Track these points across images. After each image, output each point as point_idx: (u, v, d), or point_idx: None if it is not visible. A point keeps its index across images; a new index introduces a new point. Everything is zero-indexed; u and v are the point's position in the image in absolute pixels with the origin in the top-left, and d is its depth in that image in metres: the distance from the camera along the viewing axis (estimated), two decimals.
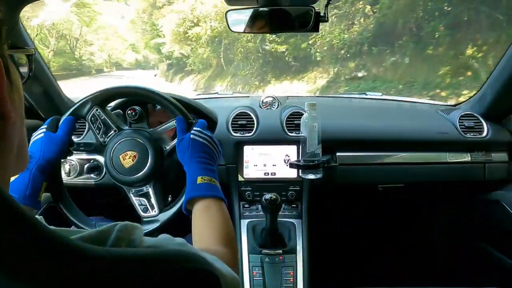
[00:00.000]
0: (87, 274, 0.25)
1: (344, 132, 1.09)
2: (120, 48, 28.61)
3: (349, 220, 1.41)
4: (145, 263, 0.29)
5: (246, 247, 0.94)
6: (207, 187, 0.61)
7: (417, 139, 1.10)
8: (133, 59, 32.72)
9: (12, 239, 0.23)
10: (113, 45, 26.35)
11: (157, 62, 28.08)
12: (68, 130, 0.73)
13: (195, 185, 0.61)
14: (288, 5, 0.78)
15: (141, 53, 31.66)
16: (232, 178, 1.03)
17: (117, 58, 30.34)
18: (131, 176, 0.74)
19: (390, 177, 1.09)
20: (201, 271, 0.33)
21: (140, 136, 0.76)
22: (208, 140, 0.68)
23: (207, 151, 0.67)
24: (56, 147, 0.70)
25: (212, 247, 0.53)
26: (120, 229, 0.32)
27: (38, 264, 0.24)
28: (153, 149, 0.75)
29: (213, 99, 1.42)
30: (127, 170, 0.74)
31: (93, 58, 24.59)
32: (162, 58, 23.37)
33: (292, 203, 1.03)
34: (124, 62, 32.45)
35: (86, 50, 23.58)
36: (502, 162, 1.08)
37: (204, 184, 0.61)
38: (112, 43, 26.14)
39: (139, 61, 33.65)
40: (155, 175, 0.75)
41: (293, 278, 0.88)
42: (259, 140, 1.05)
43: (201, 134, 0.69)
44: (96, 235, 0.31)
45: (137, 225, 0.35)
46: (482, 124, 1.10)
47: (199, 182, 0.61)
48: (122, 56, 30.86)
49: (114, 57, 29.34)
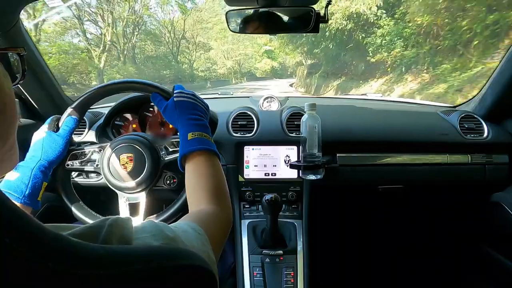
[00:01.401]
0: (80, 272, 0.25)
1: (345, 133, 1.09)
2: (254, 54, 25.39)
3: (350, 221, 1.41)
4: (140, 261, 0.29)
5: (247, 247, 0.94)
6: (197, 141, 0.61)
7: (417, 140, 1.10)
8: (269, 67, 28.59)
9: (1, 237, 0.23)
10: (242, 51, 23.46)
11: (296, 69, 21.96)
12: (69, 130, 0.73)
13: (187, 142, 0.61)
14: (288, 6, 0.78)
15: (278, 59, 28.10)
16: (233, 178, 1.03)
17: (249, 67, 27.39)
18: (126, 182, 0.75)
19: (390, 178, 1.09)
20: (195, 268, 0.34)
21: (138, 142, 0.76)
22: (192, 98, 0.68)
23: (194, 107, 0.67)
24: (58, 147, 0.70)
25: (203, 205, 0.53)
26: (111, 224, 0.32)
27: (29, 262, 0.24)
28: (151, 155, 0.75)
29: (213, 99, 1.42)
30: (123, 175, 0.75)
31: (215, 67, 21.80)
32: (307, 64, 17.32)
33: (293, 203, 1.03)
34: (257, 71, 28.86)
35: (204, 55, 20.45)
36: (502, 164, 1.08)
37: (195, 139, 0.61)
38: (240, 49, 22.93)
39: (275, 69, 29.41)
40: (150, 184, 0.76)
41: (293, 278, 0.88)
42: (259, 141, 1.05)
43: (183, 93, 0.68)
44: (87, 231, 0.31)
45: (128, 218, 0.35)
46: (482, 126, 1.10)
47: (189, 138, 0.61)
48: (256, 64, 27.63)
49: (246, 65, 26.62)
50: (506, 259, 1.09)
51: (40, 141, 0.69)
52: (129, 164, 0.74)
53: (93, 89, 0.75)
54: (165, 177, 0.81)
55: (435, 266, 1.39)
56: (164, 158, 0.77)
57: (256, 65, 29.28)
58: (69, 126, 0.73)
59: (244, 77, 27.34)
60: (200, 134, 0.62)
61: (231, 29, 0.84)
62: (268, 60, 28.75)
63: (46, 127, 0.72)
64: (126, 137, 0.78)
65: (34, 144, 0.69)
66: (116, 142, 0.77)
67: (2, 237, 0.23)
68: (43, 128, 0.72)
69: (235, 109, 1.12)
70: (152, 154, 0.76)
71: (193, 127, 0.63)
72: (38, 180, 0.66)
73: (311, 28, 0.78)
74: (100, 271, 0.26)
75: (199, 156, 0.60)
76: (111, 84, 0.74)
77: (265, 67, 29.25)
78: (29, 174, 0.65)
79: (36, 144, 0.69)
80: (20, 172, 0.64)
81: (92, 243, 0.28)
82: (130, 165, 0.74)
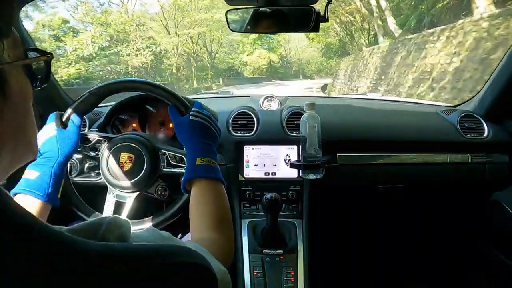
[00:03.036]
0: (79, 269, 0.26)
1: (345, 133, 1.09)
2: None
3: (350, 220, 1.41)
4: (139, 258, 0.29)
5: (247, 246, 0.94)
6: (205, 169, 0.61)
7: (417, 140, 1.10)
8: (264, 62, 19.58)
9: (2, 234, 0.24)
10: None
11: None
12: (79, 126, 0.72)
13: (194, 166, 0.61)
14: (288, 5, 0.78)
15: (278, 52, 19.90)
16: (233, 178, 1.03)
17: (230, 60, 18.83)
18: (120, 180, 0.75)
19: (390, 177, 1.09)
20: (196, 266, 0.34)
21: (142, 144, 0.76)
22: (207, 120, 0.68)
23: (207, 131, 0.67)
24: (72, 143, 0.70)
25: (205, 233, 0.53)
26: (109, 221, 0.33)
27: (30, 258, 0.24)
28: (150, 161, 0.75)
29: (213, 99, 1.42)
30: (119, 173, 0.74)
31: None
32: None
33: (293, 203, 1.03)
34: (245, 68, 19.69)
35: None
36: (502, 163, 1.08)
37: (203, 166, 0.61)
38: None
39: (274, 66, 20.79)
40: (142, 188, 0.76)
41: (293, 278, 0.88)
42: (259, 140, 1.05)
43: (199, 114, 0.68)
44: (86, 227, 0.32)
45: (126, 220, 0.36)
46: (482, 125, 1.10)
47: (197, 164, 0.61)
48: (244, 56, 18.94)
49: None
50: (505, 258, 1.09)
51: (54, 138, 0.68)
52: (128, 164, 0.74)
53: (113, 81, 0.74)
54: (157, 186, 0.80)
55: (435, 265, 1.39)
56: (162, 169, 0.77)
57: (243, 58, 19.52)
58: (78, 122, 0.72)
59: (221, 76, 18.03)
60: (209, 160, 0.62)
61: (231, 29, 0.84)
62: (264, 52, 19.03)
63: (54, 125, 0.70)
64: (130, 136, 0.78)
65: (47, 142, 0.68)
66: (119, 138, 0.77)
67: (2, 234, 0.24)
68: (51, 126, 0.70)
69: (235, 108, 1.12)
70: (151, 160, 0.75)
71: (202, 152, 0.63)
72: (58, 178, 0.66)
73: (311, 28, 0.78)
74: (100, 269, 0.26)
75: (205, 183, 0.60)
76: (130, 82, 0.74)
77: (258, 62, 19.49)
78: (49, 173, 0.65)
79: (49, 142, 0.68)
80: (40, 170, 0.64)
81: (91, 240, 0.28)
82: (128, 165, 0.74)
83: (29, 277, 0.24)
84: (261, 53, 19.95)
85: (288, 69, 22.50)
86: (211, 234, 0.53)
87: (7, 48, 0.30)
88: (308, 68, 24.34)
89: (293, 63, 22.99)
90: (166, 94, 0.71)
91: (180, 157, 0.76)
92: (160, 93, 0.72)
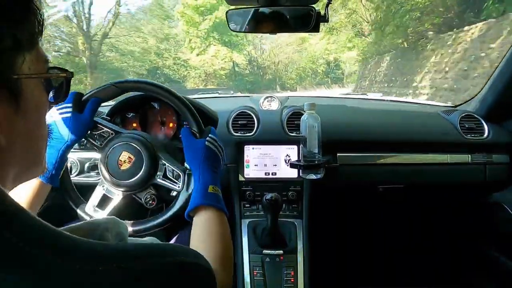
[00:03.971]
0: (79, 267, 0.26)
1: (345, 133, 1.09)
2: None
3: (350, 220, 1.41)
4: (139, 257, 0.29)
5: (247, 247, 0.94)
6: (216, 198, 0.62)
7: (417, 140, 1.10)
8: (226, 65, 13.84)
9: (3, 234, 0.24)
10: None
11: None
12: (93, 112, 0.72)
13: (206, 193, 0.61)
14: (288, 5, 0.78)
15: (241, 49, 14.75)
16: (233, 178, 1.03)
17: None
18: (113, 177, 0.74)
19: (390, 177, 1.09)
20: (194, 265, 0.34)
21: (145, 147, 0.75)
22: (220, 151, 0.70)
23: (218, 160, 0.69)
24: (83, 129, 0.70)
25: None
26: (108, 221, 0.33)
27: (28, 257, 0.24)
28: (149, 167, 0.74)
29: (213, 99, 1.42)
30: (115, 170, 0.74)
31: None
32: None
33: (293, 203, 1.03)
34: (186, 76, 14.42)
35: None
36: (502, 164, 1.08)
37: (215, 195, 0.62)
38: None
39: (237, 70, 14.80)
40: (133, 190, 0.75)
41: (293, 278, 0.88)
42: (259, 140, 1.05)
43: (215, 143, 0.70)
44: (85, 226, 0.32)
45: (124, 222, 0.37)
46: (482, 125, 1.10)
47: (210, 191, 0.62)
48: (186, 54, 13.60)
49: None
50: (506, 258, 1.09)
51: (67, 121, 0.68)
52: (126, 164, 0.74)
53: (143, 81, 0.74)
54: (147, 193, 0.78)
55: (435, 265, 1.39)
56: (157, 178, 0.75)
57: (191, 58, 13.20)
58: (93, 108, 0.72)
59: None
60: (218, 190, 0.63)
61: (231, 29, 0.84)
62: (224, 49, 12.94)
63: (71, 106, 0.69)
64: (137, 137, 0.76)
65: (59, 123, 0.68)
66: (126, 136, 0.76)
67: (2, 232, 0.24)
68: (67, 107, 0.69)
69: (235, 109, 1.12)
70: (150, 167, 0.74)
71: (213, 180, 0.64)
72: (63, 161, 0.67)
73: (312, 28, 0.78)
74: (99, 267, 0.26)
75: (213, 212, 0.60)
76: (149, 84, 0.73)
77: (214, 65, 13.00)
78: (56, 155, 0.66)
79: (62, 124, 0.68)
80: (47, 151, 0.65)
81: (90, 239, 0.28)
82: (127, 165, 0.74)
83: (29, 276, 0.24)
84: (220, 51, 13.25)
85: (259, 76, 16.24)
86: (213, 266, 0.53)
87: (29, 61, 0.31)
88: (287, 76, 16.58)
89: (265, 68, 16.41)
90: (187, 111, 0.73)
91: (177, 174, 0.74)
92: (181, 110, 0.73)
